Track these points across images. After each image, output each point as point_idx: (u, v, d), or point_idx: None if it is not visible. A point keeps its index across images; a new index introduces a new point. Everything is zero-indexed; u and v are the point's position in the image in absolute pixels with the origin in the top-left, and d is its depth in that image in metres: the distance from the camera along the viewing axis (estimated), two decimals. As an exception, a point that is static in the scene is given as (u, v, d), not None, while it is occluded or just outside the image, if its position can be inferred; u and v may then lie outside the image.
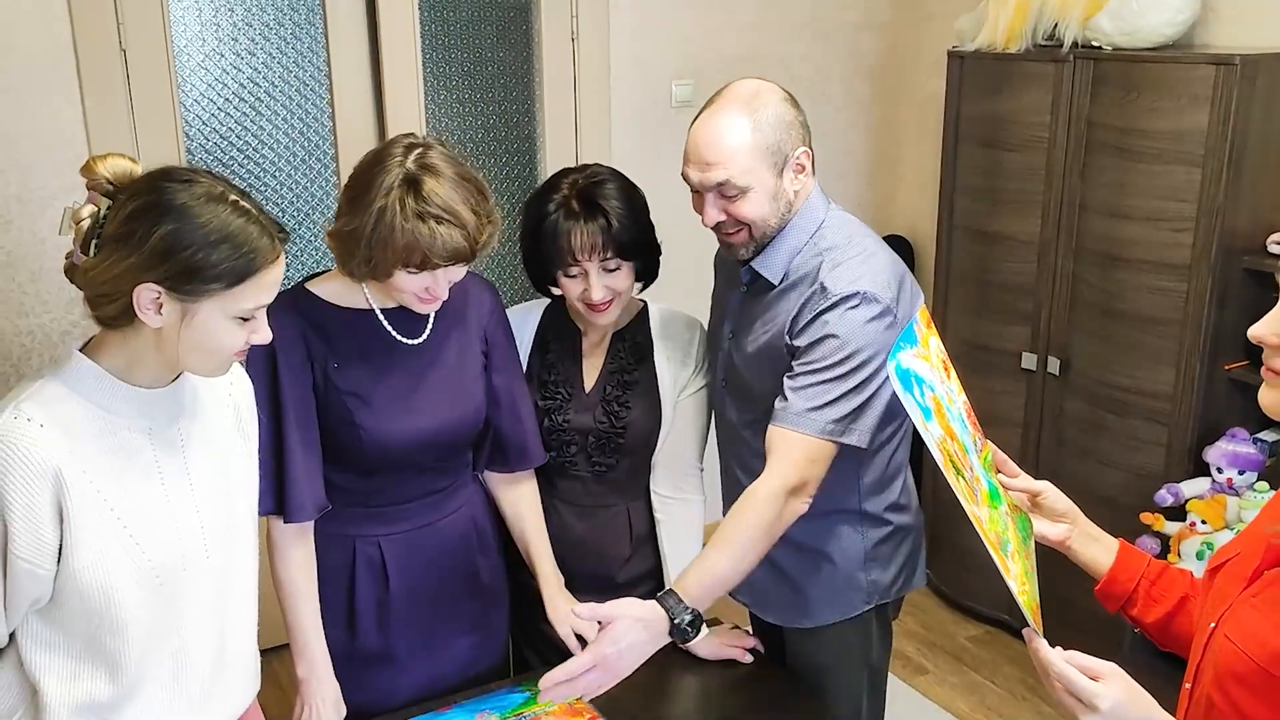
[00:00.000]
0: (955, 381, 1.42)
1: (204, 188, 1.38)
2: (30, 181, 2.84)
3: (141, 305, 1.35)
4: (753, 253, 1.88)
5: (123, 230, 1.35)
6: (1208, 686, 1.25)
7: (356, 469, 1.86)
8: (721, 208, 1.82)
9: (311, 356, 1.80)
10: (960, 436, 1.34)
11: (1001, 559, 1.29)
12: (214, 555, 1.52)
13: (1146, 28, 2.91)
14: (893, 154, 4.17)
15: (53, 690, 1.43)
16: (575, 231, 1.88)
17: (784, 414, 1.76)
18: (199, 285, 1.36)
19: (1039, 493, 1.50)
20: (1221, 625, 1.25)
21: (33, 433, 1.34)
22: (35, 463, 1.34)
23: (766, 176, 1.80)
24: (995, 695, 3.23)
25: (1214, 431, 2.84)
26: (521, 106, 3.51)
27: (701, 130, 1.82)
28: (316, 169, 3.26)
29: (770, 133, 1.78)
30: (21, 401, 1.37)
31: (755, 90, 1.82)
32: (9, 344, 2.91)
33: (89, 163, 1.39)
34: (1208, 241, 2.77)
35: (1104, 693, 1.17)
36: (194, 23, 3.01)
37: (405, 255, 1.68)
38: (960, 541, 3.60)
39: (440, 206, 1.66)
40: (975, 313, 3.39)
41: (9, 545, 1.35)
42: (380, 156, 1.72)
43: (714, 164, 1.78)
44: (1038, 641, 1.23)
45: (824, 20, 3.88)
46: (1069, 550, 1.50)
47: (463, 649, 2.00)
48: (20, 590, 1.38)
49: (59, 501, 1.36)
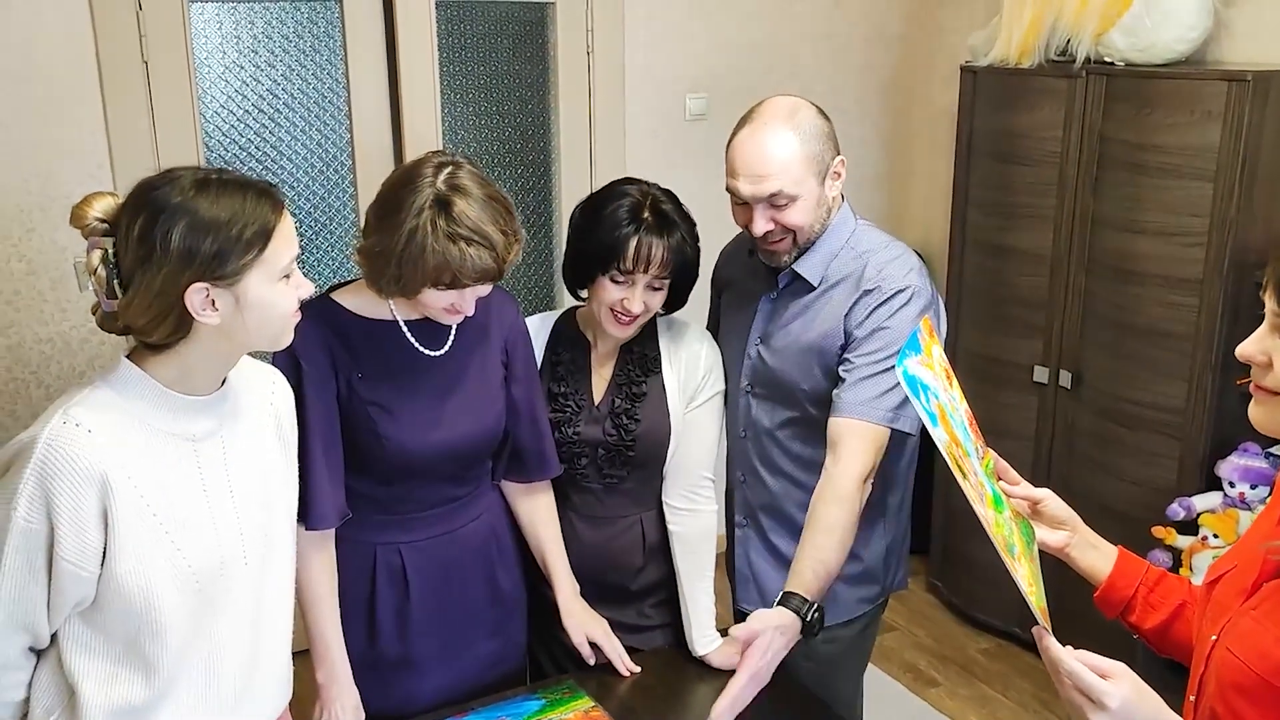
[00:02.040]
0: (957, 390, 1.45)
1: (187, 179, 1.40)
2: (52, 191, 2.87)
3: (195, 308, 1.38)
4: (794, 259, 1.97)
5: (142, 251, 1.37)
6: (1211, 699, 1.26)
7: (378, 477, 1.88)
8: (770, 217, 1.91)
9: (336, 366, 1.82)
10: (964, 443, 1.36)
11: (1009, 559, 1.31)
12: (252, 562, 1.54)
13: (1159, 44, 2.93)
14: (905, 168, 4.19)
15: (90, 693, 1.45)
16: (644, 242, 1.90)
17: (847, 405, 1.86)
18: (235, 262, 1.38)
19: (1039, 500, 1.52)
20: (1222, 637, 1.26)
21: (81, 438, 1.37)
22: (83, 468, 1.36)
23: (813, 185, 1.90)
24: (1006, 708, 3.23)
25: (1226, 445, 2.85)
26: (537, 119, 3.54)
27: (749, 145, 1.89)
28: (334, 180, 3.29)
29: (814, 143, 1.89)
30: (71, 407, 1.39)
31: (793, 105, 1.92)
32: (29, 351, 2.94)
33: (75, 212, 1.40)
34: (1220, 256, 2.78)
35: (1113, 691, 1.17)
36: (215, 35, 3.04)
37: (435, 275, 1.70)
38: (970, 554, 3.61)
39: (470, 228, 1.68)
40: (987, 326, 3.40)
41: (55, 548, 1.37)
42: (410, 176, 1.73)
43: (766, 176, 1.87)
44: (1048, 639, 1.24)
45: (838, 35, 3.90)
46: (1069, 557, 1.52)
47: (481, 655, 2.02)
48: (64, 592, 1.40)
49: (104, 506, 1.38)
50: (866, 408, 1.85)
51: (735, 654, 2.01)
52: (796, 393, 1.99)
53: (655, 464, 2.05)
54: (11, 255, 2.87)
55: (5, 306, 2.89)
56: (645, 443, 2.03)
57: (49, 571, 1.39)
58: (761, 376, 2.04)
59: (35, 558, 1.38)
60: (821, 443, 2.00)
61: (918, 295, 1.91)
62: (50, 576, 1.39)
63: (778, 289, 2.03)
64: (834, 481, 1.83)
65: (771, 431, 2.05)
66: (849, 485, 1.82)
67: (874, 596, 2.10)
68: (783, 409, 2.03)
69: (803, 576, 1.78)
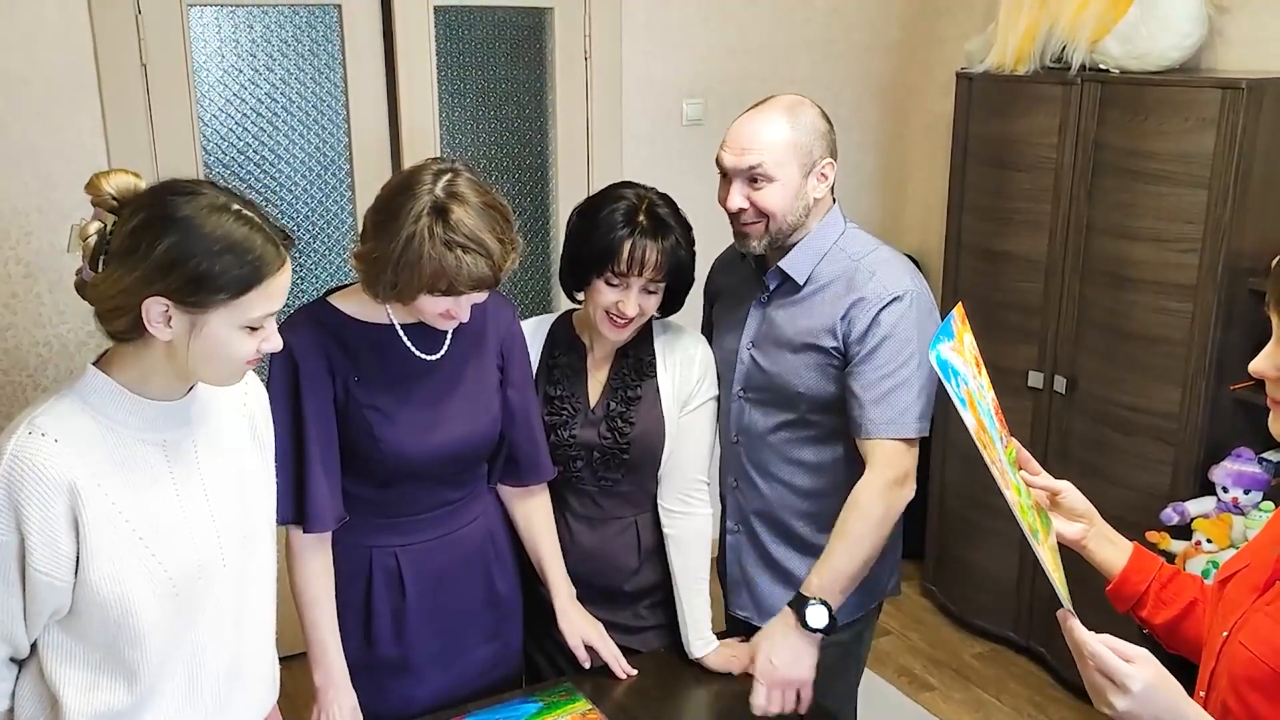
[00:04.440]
0: (985, 378, 1.46)
1: (207, 199, 1.38)
2: (51, 194, 2.87)
3: (150, 319, 1.36)
4: (765, 248, 1.99)
5: (128, 244, 1.36)
6: (1223, 693, 1.27)
7: (374, 480, 1.88)
8: (746, 195, 1.95)
9: (333, 369, 1.83)
10: (989, 430, 1.37)
11: (1034, 542, 1.33)
12: (231, 564, 1.54)
13: (1154, 51, 2.94)
14: (901, 174, 4.21)
15: (72, 701, 1.45)
16: (638, 245, 1.91)
17: (873, 425, 1.91)
18: (205, 296, 1.36)
19: (1059, 491, 1.53)
20: (1235, 633, 1.27)
21: (47, 448, 1.36)
22: (50, 477, 1.35)
23: (794, 173, 1.94)
24: (1001, 713, 3.24)
25: (1220, 451, 2.86)
26: (534, 123, 3.55)
27: (743, 122, 1.97)
28: (332, 184, 3.29)
29: (805, 135, 1.94)
30: (36, 417, 1.39)
31: (798, 101, 1.98)
32: (26, 354, 2.94)
33: (93, 179, 1.39)
34: (1214, 262, 2.79)
35: (1136, 674, 1.17)
36: (213, 39, 3.05)
37: (431, 281, 1.71)
38: (965, 558, 3.62)
39: (467, 236, 1.69)
40: (982, 331, 3.36)
41: (27, 559, 1.37)
42: (409, 182, 1.73)
43: (749, 149, 1.93)
44: (1073, 621, 1.24)
45: (834, 41, 3.92)
46: (1085, 550, 1.54)
47: (478, 658, 2.02)
48: (40, 601, 1.40)
49: (74, 514, 1.38)
50: (893, 425, 1.90)
51: (731, 656, 2.04)
52: (791, 395, 2.01)
53: (650, 467, 2.06)
54: (9, 258, 2.87)
55: (3, 309, 2.89)
56: (640, 446, 2.03)
57: (23, 582, 1.38)
58: (755, 380, 2.05)
59: (8, 569, 1.38)
60: (815, 445, 2.02)
61: (915, 298, 1.93)
62: (24, 587, 1.38)
63: (768, 291, 2.04)
64: (855, 492, 1.92)
65: (765, 436, 2.06)
66: (863, 494, 1.91)
67: (868, 602, 2.10)
68: (776, 412, 2.04)
69: (809, 579, 1.92)
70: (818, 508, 2.03)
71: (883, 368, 1.90)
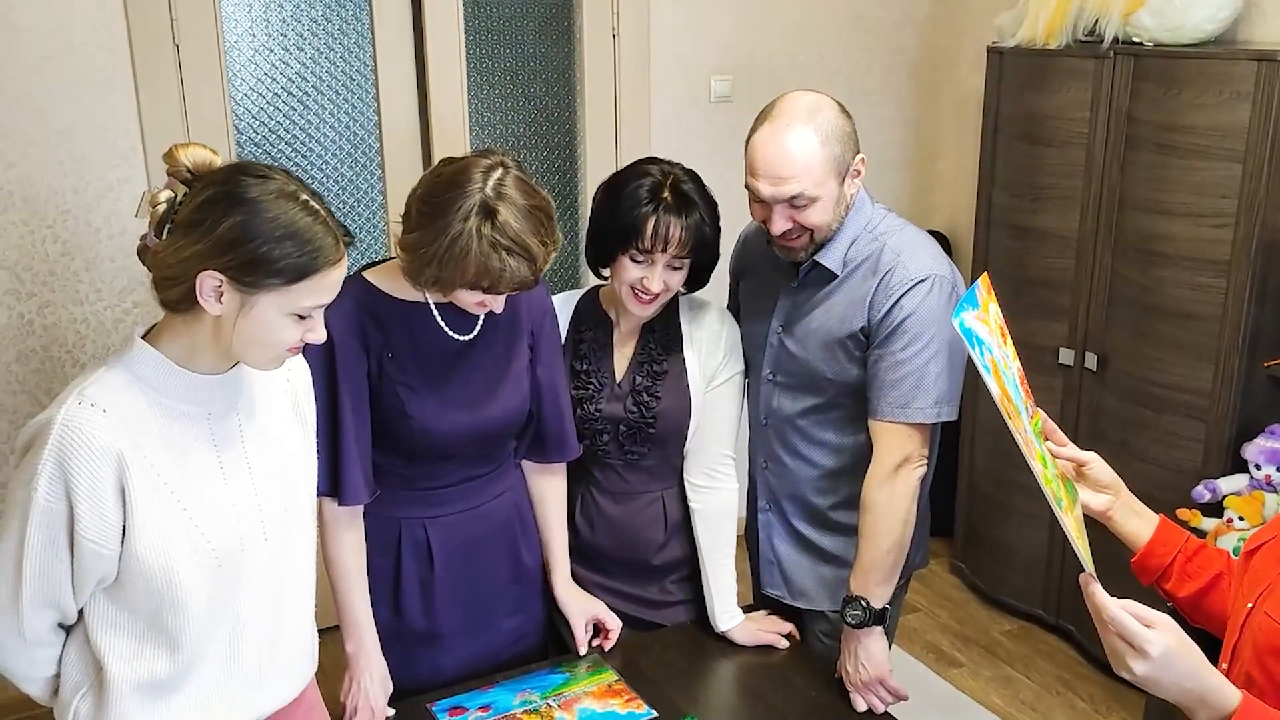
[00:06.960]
0: (1011, 348, 1.46)
1: (277, 184, 1.41)
2: (86, 173, 2.91)
3: (203, 292, 1.39)
4: (811, 254, 1.97)
5: (194, 217, 1.39)
6: (1247, 664, 1.27)
7: (403, 455, 1.90)
8: (789, 216, 1.90)
9: (368, 345, 1.84)
10: (1015, 400, 1.37)
11: (1058, 511, 1.33)
12: (272, 538, 1.57)
13: (1188, 24, 2.90)
14: (932, 150, 4.18)
15: (116, 668, 1.48)
16: (664, 222, 1.91)
17: (887, 408, 1.91)
18: (260, 278, 1.39)
19: (1085, 462, 1.53)
20: (1261, 604, 1.27)
21: (96, 418, 1.39)
22: (99, 447, 1.38)
23: (833, 185, 1.89)
24: (1029, 689, 3.24)
25: (1252, 428, 2.83)
26: (562, 101, 3.55)
27: (770, 145, 1.87)
28: (362, 162, 3.32)
29: (833, 144, 1.87)
30: (86, 388, 1.41)
31: (814, 103, 1.89)
32: (64, 330, 2.99)
33: (171, 150, 1.42)
34: (1248, 237, 2.76)
35: (1156, 639, 1.17)
36: (244, 18, 3.07)
37: (474, 280, 1.72)
38: (994, 536, 3.61)
39: (512, 239, 1.70)
40: (1013, 308, 3.36)
41: (76, 527, 1.40)
42: (458, 178, 1.72)
43: (788, 178, 1.85)
44: (1094, 585, 1.23)
45: (864, 17, 3.89)
46: (1110, 521, 1.53)
47: (505, 630, 2.05)
48: (87, 569, 1.43)
49: (121, 484, 1.40)
50: (906, 410, 1.89)
51: (757, 630, 2.05)
52: (821, 380, 2.00)
53: (676, 441, 2.07)
54: (46, 237, 2.91)
55: (41, 287, 2.94)
56: (666, 420, 2.04)
57: (71, 550, 1.41)
58: (784, 365, 2.05)
59: (57, 536, 1.41)
60: (844, 428, 2.01)
61: (939, 282, 1.90)
62: (73, 554, 1.42)
63: (799, 278, 2.02)
64: (863, 488, 1.94)
65: (794, 419, 2.06)
66: (867, 491, 1.93)
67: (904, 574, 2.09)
68: (806, 396, 2.03)
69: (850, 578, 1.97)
70: (846, 487, 2.03)
71: (899, 352, 1.89)
